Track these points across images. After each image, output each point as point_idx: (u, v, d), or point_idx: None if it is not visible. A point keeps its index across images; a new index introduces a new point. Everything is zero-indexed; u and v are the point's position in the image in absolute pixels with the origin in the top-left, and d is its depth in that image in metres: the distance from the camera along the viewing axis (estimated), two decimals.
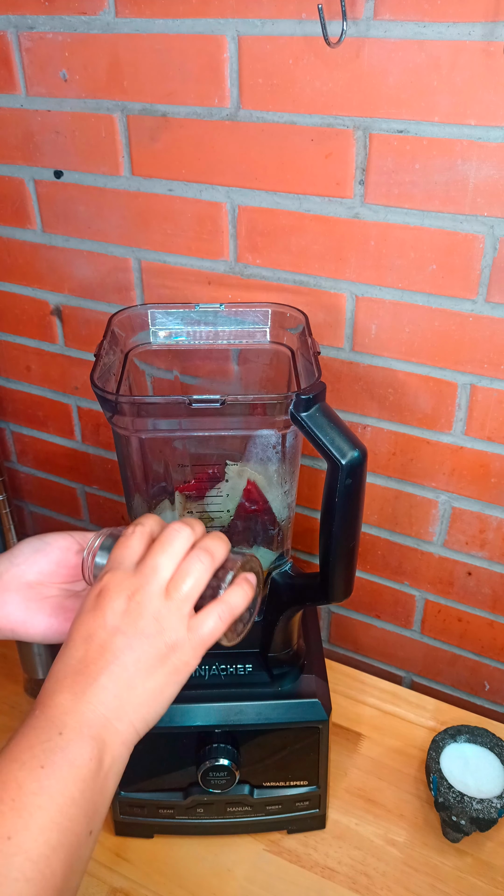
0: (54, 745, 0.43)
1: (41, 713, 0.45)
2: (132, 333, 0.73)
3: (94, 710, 0.45)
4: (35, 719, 0.45)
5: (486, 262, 0.70)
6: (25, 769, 0.42)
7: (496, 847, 0.77)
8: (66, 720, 0.44)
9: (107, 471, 1.08)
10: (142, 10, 0.73)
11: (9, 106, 0.85)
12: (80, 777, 0.43)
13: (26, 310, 1.00)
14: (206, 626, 0.49)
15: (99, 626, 0.47)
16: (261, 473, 0.71)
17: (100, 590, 0.49)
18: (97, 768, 0.44)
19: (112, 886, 0.74)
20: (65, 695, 0.45)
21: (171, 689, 0.48)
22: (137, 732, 0.47)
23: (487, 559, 0.86)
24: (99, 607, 0.48)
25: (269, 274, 0.81)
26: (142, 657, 0.47)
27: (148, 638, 0.47)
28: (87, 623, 0.48)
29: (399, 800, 0.81)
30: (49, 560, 0.57)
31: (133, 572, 0.49)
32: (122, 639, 0.47)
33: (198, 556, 0.50)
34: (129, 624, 0.47)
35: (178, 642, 0.48)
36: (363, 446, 0.57)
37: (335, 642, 1.04)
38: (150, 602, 0.48)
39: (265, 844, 0.77)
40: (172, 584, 0.49)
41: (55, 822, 0.41)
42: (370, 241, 0.74)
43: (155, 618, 0.47)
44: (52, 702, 0.45)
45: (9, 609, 0.55)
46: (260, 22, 0.69)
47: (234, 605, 0.50)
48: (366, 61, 0.67)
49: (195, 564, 0.49)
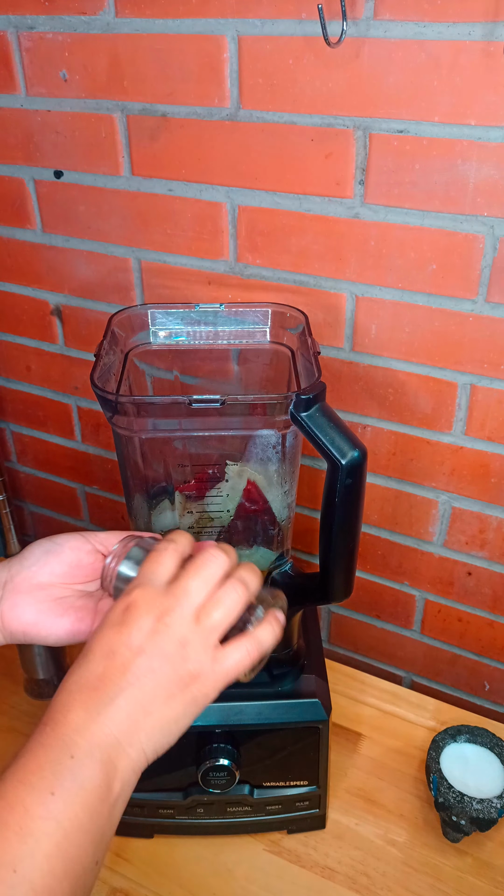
0: (64, 768, 0.42)
1: (52, 730, 0.43)
2: (132, 333, 0.73)
3: (107, 732, 0.43)
4: (45, 736, 0.43)
5: (486, 262, 0.70)
6: (34, 793, 0.41)
7: (496, 847, 0.77)
8: (78, 741, 0.43)
9: (107, 471, 1.08)
10: (142, 10, 0.73)
11: (9, 106, 0.85)
12: (89, 803, 0.42)
13: (26, 310, 1.00)
14: (232, 658, 0.47)
15: (123, 643, 0.45)
16: (261, 473, 0.71)
17: (127, 605, 0.47)
18: (106, 794, 0.43)
19: (112, 886, 0.74)
20: (78, 712, 0.44)
21: (187, 718, 0.46)
22: (147, 759, 0.45)
23: (487, 559, 0.86)
24: (125, 623, 0.46)
25: (269, 274, 0.81)
26: (163, 682, 0.45)
27: (172, 663, 0.45)
28: (110, 638, 0.46)
29: (399, 800, 0.81)
30: (61, 561, 0.56)
31: (164, 592, 0.47)
32: (146, 661, 0.45)
33: (233, 587, 0.48)
34: (154, 646, 0.45)
35: (202, 672, 0.46)
36: (363, 446, 0.57)
37: (335, 642, 1.04)
38: (179, 626, 0.46)
39: (265, 844, 0.77)
40: (203, 610, 0.47)
41: (62, 851, 0.40)
42: (370, 241, 0.74)
43: (181, 643, 0.46)
44: (65, 718, 0.44)
45: (20, 611, 0.54)
46: (260, 22, 0.69)
47: (262, 642, 0.48)
48: (366, 61, 0.67)
49: (230, 594, 0.47)
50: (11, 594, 0.54)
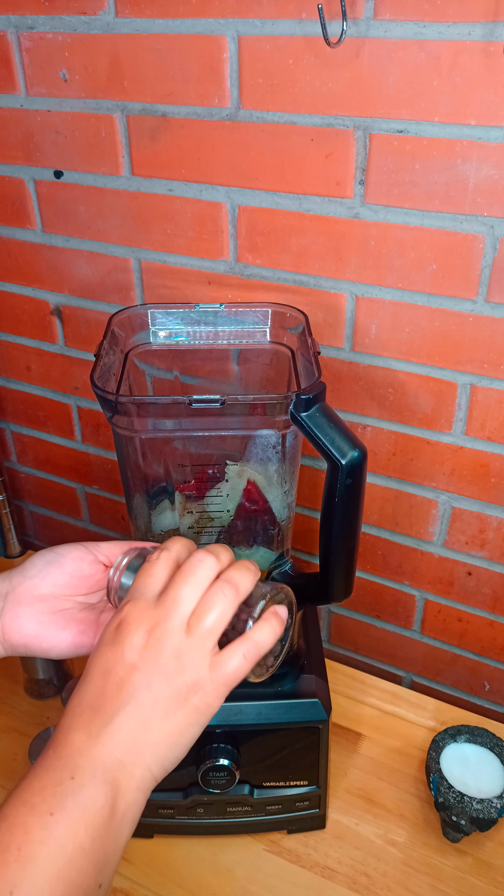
0: (66, 789, 0.41)
1: (54, 752, 0.43)
2: (132, 333, 0.73)
3: (108, 752, 0.43)
4: (48, 759, 0.43)
5: (486, 262, 0.70)
6: (35, 814, 0.40)
7: (496, 847, 0.77)
8: (80, 762, 0.42)
9: (107, 471, 1.08)
10: (142, 10, 0.73)
11: (9, 106, 0.85)
12: (91, 824, 0.41)
13: (26, 310, 1.00)
14: (230, 665, 0.46)
15: (117, 661, 0.45)
16: (261, 473, 0.71)
17: (119, 622, 0.46)
18: (110, 815, 0.42)
19: (112, 886, 0.74)
20: (79, 733, 0.43)
21: (192, 730, 0.46)
22: (154, 777, 0.45)
23: (487, 559, 0.86)
24: (118, 641, 0.45)
25: (269, 274, 0.81)
26: (160, 697, 0.44)
27: (167, 676, 0.44)
28: (105, 656, 0.45)
29: (399, 800, 0.81)
30: (63, 572, 0.55)
31: (154, 604, 0.46)
32: (140, 676, 0.44)
33: (221, 589, 0.46)
34: (147, 661, 0.45)
35: (200, 681, 0.45)
36: (363, 446, 0.57)
37: (335, 642, 1.04)
38: (171, 637, 0.45)
39: (265, 844, 0.77)
40: (194, 618, 0.46)
41: (63, 876, 0.39)
42: (370, 241, 0.74)
43: (175, 655, 0.45)
44: (66, 740, 0.43)
45: (21, 623, 0.53)
46: (260, 22, 0.69)
47: (260, 643, 0.47)
48: (366, 61, 0.67)
49: (218, 597, 0.46)
50: (12, 606, 0.54)
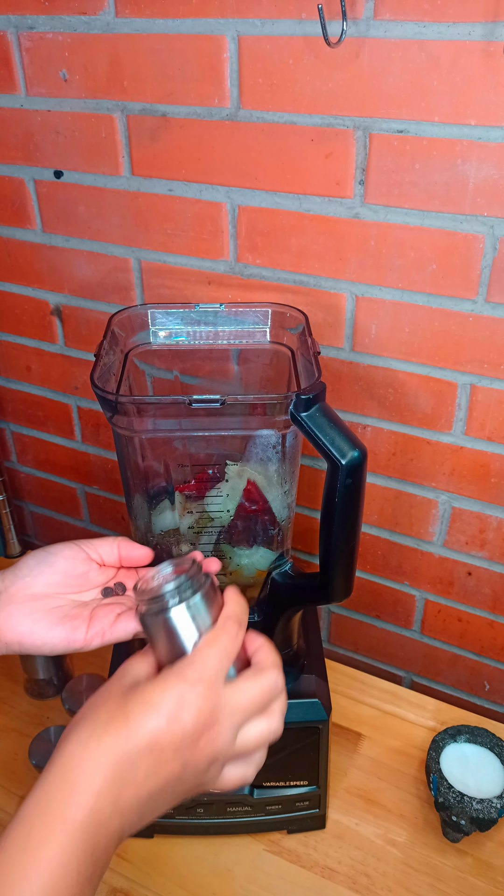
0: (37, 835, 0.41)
1: (58, 787, 0.42)
2: (132, 333, 0.73)
3: (117, 823, 0.43)
4: (44, 784, 0.43)
5: (486, 262, 0.70)
6: None
7: (496, 847, 0.77)
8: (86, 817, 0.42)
9: (107, 471, 1.08)
10: (142, 10, 0.73)
11: (9, 106, 0.85)
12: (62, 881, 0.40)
13: (26, 310, 1.00)
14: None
15: (168, 742, 0.44)
16: (261, 473, 0.71)
17: (182, 697, 0.45)
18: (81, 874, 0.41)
19: (112, 886, 0.74)
20: (100, 785, 0.43)
21: (168, 807, 0.47)
22: (122, 839, 0.45)
23: (487, 559, 0.86)
24: (177, 718, 0.44)
25: (269, 274, 0.81)
26: (175, 791, 0.46)
27: (195, 776, 0.46)
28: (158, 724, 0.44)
29: (399, 800, 0.81)
30: (55, 571, 0.56)
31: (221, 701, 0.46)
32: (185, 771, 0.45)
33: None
34: (189, 762, 0.45)
35: (207, 785, 0.48)
36: (363, 446, 0.57)
37: (335, 642, 1.04)
38: (218, 744, 0.46)
39: (265, 844, 0.77)
40: (243, 749, 0.48)
41: None
42: (370, 241, 0.74)
43: (212, 761, 0.46)
44: (85, 783, 0.42)
45: (14, 621, 0.54)
46: (260, 22, 0.69)
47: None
48: (366, 61, 0.67)
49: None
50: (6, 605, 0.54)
